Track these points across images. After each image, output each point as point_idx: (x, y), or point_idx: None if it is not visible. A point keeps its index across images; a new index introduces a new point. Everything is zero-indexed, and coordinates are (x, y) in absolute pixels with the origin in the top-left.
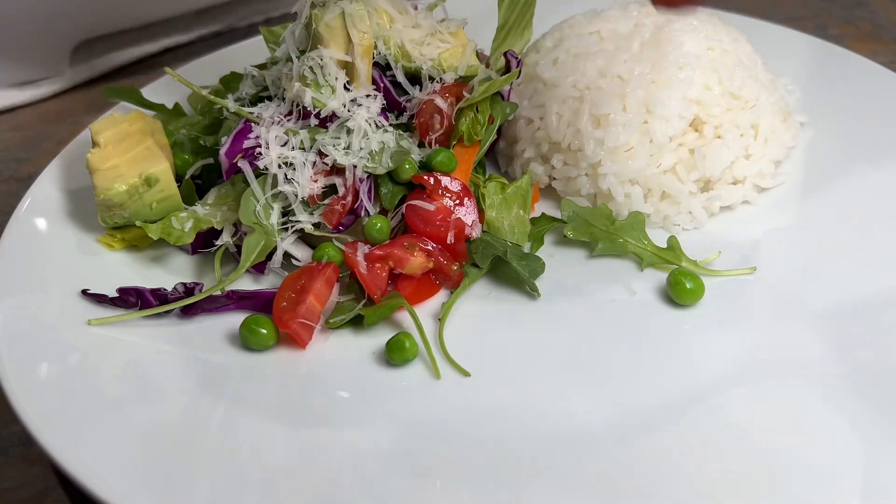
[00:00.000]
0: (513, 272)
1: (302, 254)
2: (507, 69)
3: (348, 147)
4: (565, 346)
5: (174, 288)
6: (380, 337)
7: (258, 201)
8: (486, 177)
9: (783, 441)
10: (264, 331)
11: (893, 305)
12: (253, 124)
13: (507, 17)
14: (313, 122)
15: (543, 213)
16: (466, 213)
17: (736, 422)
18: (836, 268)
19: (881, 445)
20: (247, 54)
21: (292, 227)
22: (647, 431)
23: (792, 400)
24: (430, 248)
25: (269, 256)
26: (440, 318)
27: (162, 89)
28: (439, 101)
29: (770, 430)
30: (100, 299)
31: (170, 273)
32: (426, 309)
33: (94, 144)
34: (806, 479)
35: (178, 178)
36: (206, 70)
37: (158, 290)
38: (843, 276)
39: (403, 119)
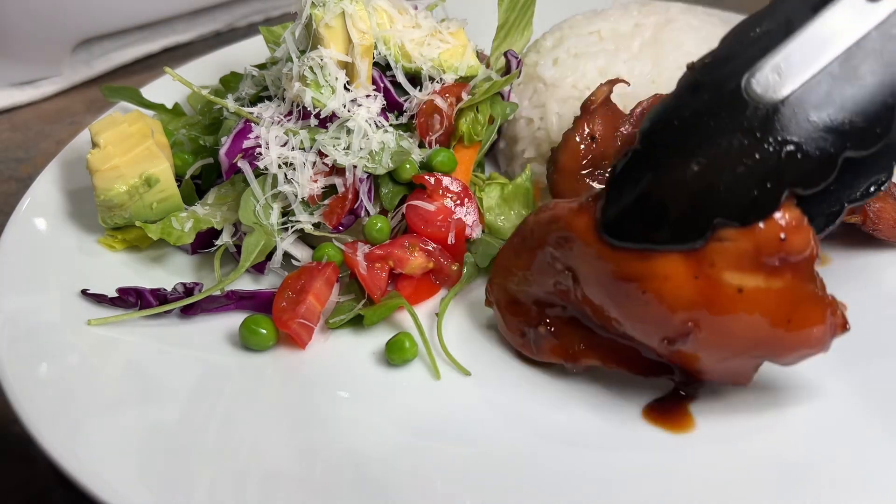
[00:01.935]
0: None
1: (302, 254)
2: (508, 69)
3: (348, 147)
4: None
5: (174, 288)
6: (380, 337)
7: (258, 201)
8: (487, 176)
9: (784, 442)
10: (264, 331)
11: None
12: (253, 124)
13: (507, 16)
14: (313, 122)
15: None
16: (467, 214)
17: (738, 423)
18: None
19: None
20: (246, 54)
21: (292, 227)
22: (648, 431)
23: (794, 400)
24: (430, 248)
25: (269, 256)
26: (438, 314)
27: (161, 89)
28: (439, 102)
29: (772, 432)
30: (99, 299)
31: (169, 273)
32: (426, 308)
33: (94, 145)
34: (809, 483)
35: (178, 178)
36: (205, 70)
37: (158, 290)
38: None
39: (403, 119)
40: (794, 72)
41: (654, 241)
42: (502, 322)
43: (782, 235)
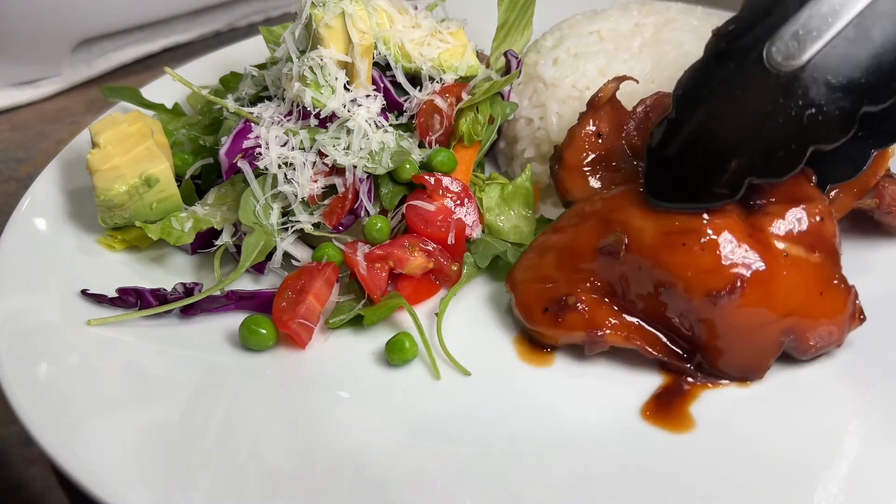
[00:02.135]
0: None
1: (302, 254)
2: (508, 69)
3: (348, 147)
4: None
5: (174, 288)
6: (380, 337)
7: (258, 201)
8: (487, 176)
9: (785, 441)
10: (264, 331)
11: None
12: (253, 124)
13: (506, 16)
14: (313, 122)
15: (542, 215)
16: (466, 214)
17: (738, 422)
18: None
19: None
20: (246, 54)
21: (292, 227)
22: (649, 431)
23: (795, 399)
24: (430, 248)
25: (269, 256)
26: (437, 314)
27: (161, 89)
28: (439, 102)
29: (772, 432)
30: (99, 299)
31: (169, 273)
32: (426, 308)
33: (94, 145)
34: (809, 482)
35: (178, 178)
36: (205, 70)
37: (158, 290)
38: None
39: (403, 119)
40: (812, 38)
41: (694, 200)
42: (522, 299)
43: (818, 218)
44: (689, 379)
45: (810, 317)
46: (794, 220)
